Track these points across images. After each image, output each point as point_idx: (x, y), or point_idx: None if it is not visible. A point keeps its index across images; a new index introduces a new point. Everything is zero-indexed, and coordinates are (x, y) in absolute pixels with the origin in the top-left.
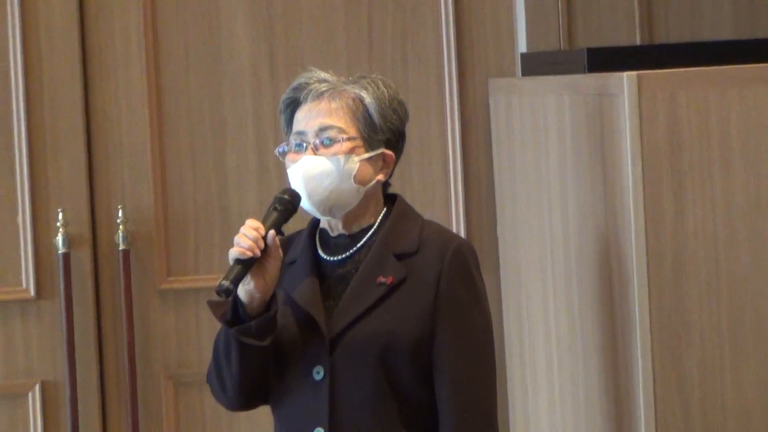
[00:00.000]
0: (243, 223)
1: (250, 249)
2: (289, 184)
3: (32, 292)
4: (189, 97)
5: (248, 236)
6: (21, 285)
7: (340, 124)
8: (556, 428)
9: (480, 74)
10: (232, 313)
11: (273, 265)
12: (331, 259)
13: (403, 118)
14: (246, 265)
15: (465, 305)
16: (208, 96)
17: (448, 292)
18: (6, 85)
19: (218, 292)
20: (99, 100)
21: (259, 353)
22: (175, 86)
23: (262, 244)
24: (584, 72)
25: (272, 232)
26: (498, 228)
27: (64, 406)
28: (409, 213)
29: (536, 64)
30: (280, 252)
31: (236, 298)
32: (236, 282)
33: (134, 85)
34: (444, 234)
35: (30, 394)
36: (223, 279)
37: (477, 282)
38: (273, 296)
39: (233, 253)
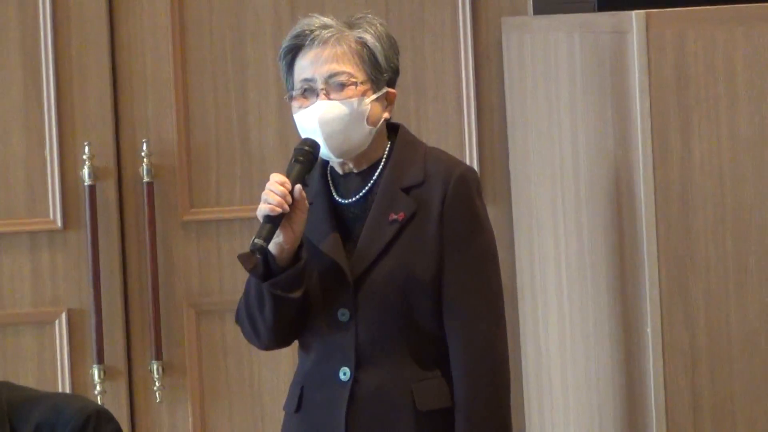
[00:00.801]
0: (261, 159)
1: (279, 205)
2: (297, 129)
3: (59, 223)
4: (212, 33)
5: (276, 193)
6: (48, 216)
7: (349, 68)
8: (566, 357)
9: (493, 12)
10: (264, 268)
11: (300, 217)
12: (345, 201)
13: (398, 54)
14: (276, 222)
15: (468, 236)
16: (230, 33)
17: (451, 224)
18: (35, 21)
19: (252, 251)
20: (124, 36)
21: (290, 303)
22: (198, 23)
23: (289, 199)
24: (594, 10)
25: (298, 185)
26: (510, 161)
27: (89, 333)
28: (412, 142)
29: (548, 2)
30: (306, 203)
31: (267, 252)
32: (269, 239)
33: (159, 21)
34: (447, 162)
35: (57, 322)
36: (255, 238)
37: (479, 210)
38: (300, 245)
39: (263, 210)
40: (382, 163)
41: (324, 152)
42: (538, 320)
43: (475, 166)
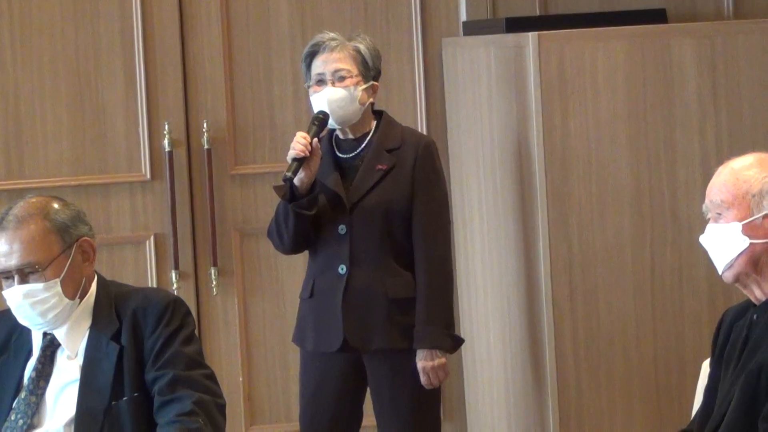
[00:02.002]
0: (283, 133)
1: (302, 151)
2: (313, 106)
3: (148, 176)
4: (249, 48)
5: (300, 143)
6: (141, 172)
7: (348, 66)
8: (485, 267)
9: (436, 35)
10: (290, 194)
11: (315, 161)
12: (345, 156)
13: (380, 60)
14: (300, 162)
15: (430, 181)
16: (261, 48)
17: (420, 173)
18: (131, 38)
19: (284, 180)
20: (192, 48)
21: (306, 219)
22: (240, 41)
23: (309, 148)
24: (504, 32)
25: (315, 140)
26: (448, 137)
27: (169, 248)
28: (392, 121)
29: (473, 27)
30: (320, 152)
31: (292, 184)
32: (295, 173)
33: (214, 39)
34: (416, 134)
35: (147, 242)
36: (286, 171)
37: (438, 166)
38: (315, 181)
39: (291, 153)
40: (371, 133)
41: (329, 121)
42: (467, 243)
43: None
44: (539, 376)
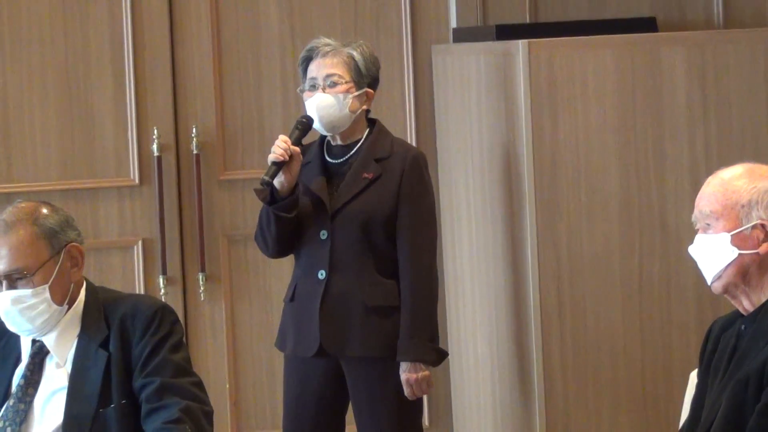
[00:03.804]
0: (272, 138)
1: (282, 155)
2: (306, 110)
3: (137, 180)
4: (239, 55)
5: (281, 146)
6: (130, 176)
7: (340, 72)
8: (473, 273)
9: (426, 42)
10: (270, 197)
11: (295, 165)
12: (334, 161)
13: (378, 68)
14: (279, 166)
15: (417, 193)
16: (250, 55)
17: (408, 184)
18: (121, 47)
19: (262, 184)
20: (181, 55)
21: (287, 222)
22: (229, 48)
23: (290, 152)
24: (494, 40)
25: (296, 148)
26: (437, 143)
27: (157, 254)
28: (384, 131)
29: (463, 34)
30: (301, 156)
31: (273, 187)
32: (273, 176)
33: (204, 46)
34: (405, 145)
35: (135, 246)
36: (264, 175)
37: (426, 178)
38: (296, 185)
39: (271, 157)
40: (361, 140)
41: (318, 126)
42: (456, 250)
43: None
44: (526, 384)
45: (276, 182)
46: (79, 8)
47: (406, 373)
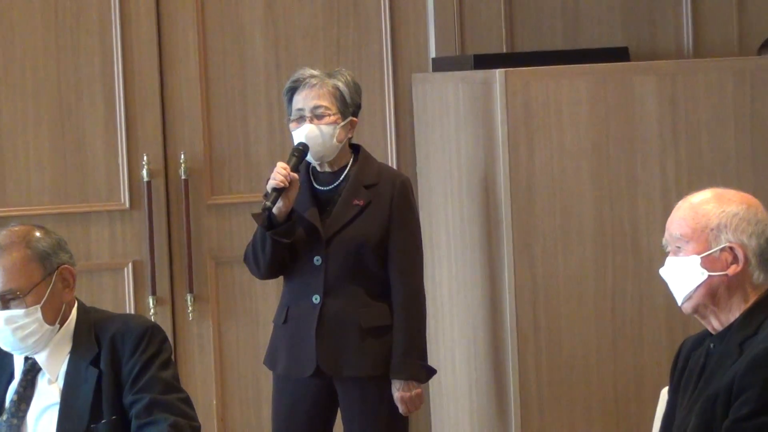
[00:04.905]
0: (258, 164)
1: (282, 181)
2: (294, 140)
3: (127, 205)
4: (225, 83)
5: (281, 173)
6: (120, 201)
7: (326, 104)
8: (452, 293)
9: (406, 70)
10: (268, 221)
11: (293, 191)
12: (322, 189)
13: (360, 95)
14: (279, 192)
15: (407, 218)
16: (238, 83)
17: (398, 210)
18: (111, 77)
19: (263, 210)
20: (170, 83)
21: (283, 246)
22: (217, 77)
23: (289, 178)
24: (472, 68)
25: (294, 173)
26: (417, 169)
27: (147, 275)
28: (369, 157)
29: (442, 64)
30: (298, 183)
31: (270, 212)
32: (275, 202)
33: (191, 74)
34: (392, 171)
35: (125, 268)
36: (266, 201)
37: (413, 203)
38: (292, 210)
39: (272, 183)
40: (348, 167)
41: (307, 156)
42: (435, 273)
43: None
44: (503, 400)
45: (274, 208)
46: (71, 37)
47: (400, 391)
